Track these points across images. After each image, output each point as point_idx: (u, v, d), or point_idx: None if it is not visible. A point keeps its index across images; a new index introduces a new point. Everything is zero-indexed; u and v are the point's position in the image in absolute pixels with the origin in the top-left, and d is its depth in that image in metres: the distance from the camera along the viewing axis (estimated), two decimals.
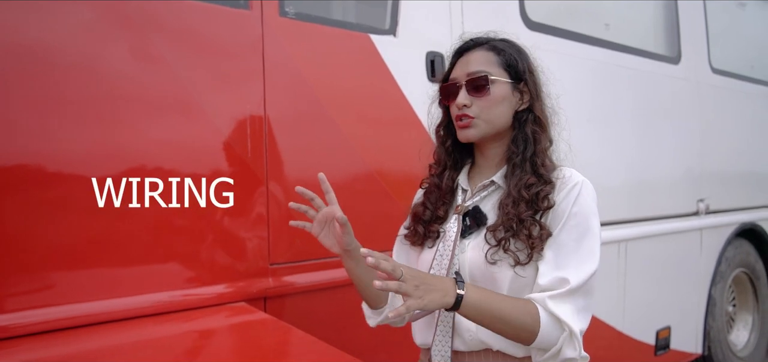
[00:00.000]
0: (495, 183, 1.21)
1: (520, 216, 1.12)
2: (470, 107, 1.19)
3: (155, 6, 1.50)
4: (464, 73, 1.21)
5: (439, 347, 1.17)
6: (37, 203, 1.32)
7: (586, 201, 1.14)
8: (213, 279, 1.58)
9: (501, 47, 1.25)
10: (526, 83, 1.22)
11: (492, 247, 1.13)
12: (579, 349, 1.11)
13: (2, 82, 1.29)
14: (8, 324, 1.26)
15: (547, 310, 1.08)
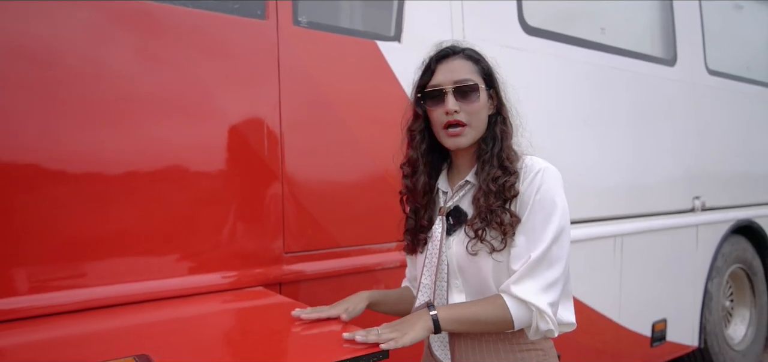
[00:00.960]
0: (469, 182, 1.32)
1: (490, 208, 1.23)
2: (459, 113, 1.27)
3: (184, 18, 1.65)
4: (450, 80, 1.28)
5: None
6: (92, 196, 1.48)
7: (549, 185, 1.24)
8: (233, 266, 1.72)
9: (477, 57, 1.34)
10: (495, 89, 1.33)
11: (471, 240, 1.25)
12: (550, 322, 1.22)
13: (64, 83, 1.45)
14: (68, 301, 1.42)
15: (512, 296, 1.21)
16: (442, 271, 1.29)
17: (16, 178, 1.40)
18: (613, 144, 2.94)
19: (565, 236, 1.24)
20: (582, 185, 2.77)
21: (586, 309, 2.82)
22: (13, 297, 1.38)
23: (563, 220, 1.24)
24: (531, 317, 1.22)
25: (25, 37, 1.42)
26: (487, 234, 1.24)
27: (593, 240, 2.83)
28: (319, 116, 1.91)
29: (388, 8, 2.14)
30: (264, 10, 1.79)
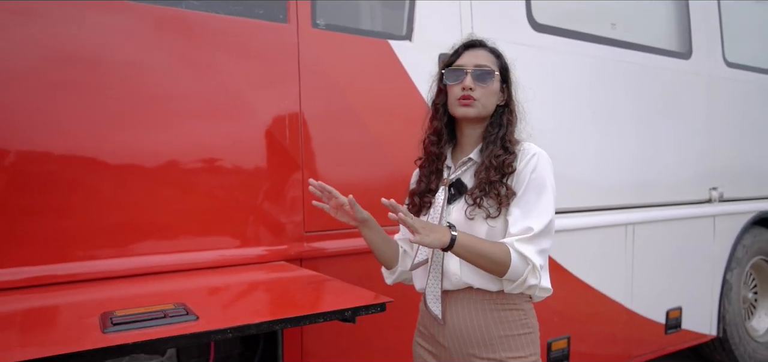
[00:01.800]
0: (472, 159, 1.52)
1: (490, 180, 1.42)
2: (474, 90, 1.48)
3: (215, 24, 1.87)
4: (472, 63, 1.50)
5: (432, 287, 1.48)
6: (145, 183, 1.74)
7: (542, 167, 1.45)
8: (260, 243, 1.94)
9: (498, 53, 1.57)
10: (507, 85, 1.52)
11: (470, 206, 1.44)
12: (539, 277, 1.41)
13: (117, 85, 1.69)
14: (127, 267, 1.70)
15: (516, 250, 1.39)
16: None
17: (86, 168, 1.66)
18: (624, 136, 3.03)
19: (553, 216, 1.45)
20: (591, 176, 2.89)
21: (597, 295, 2.93)
22: (92, 261, 1.65)
23: (553, 200, 1.45)
24: (524, 270, 1.39)
25: (81, 43, 1.66)
26: (485, 202, 1.42)
27: (603, 227, 2.93)
28: (336, 110, 2.10)
29: (400, 9, 2.32)
30: (285, 14, 2.00)
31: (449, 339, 1.48)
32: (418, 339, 1.60)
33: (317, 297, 1.48)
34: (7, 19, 1.56)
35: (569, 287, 2.80)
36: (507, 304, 1.45)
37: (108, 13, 1.71)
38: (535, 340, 1.48)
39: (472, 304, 1.45)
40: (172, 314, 1.22)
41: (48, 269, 1.59)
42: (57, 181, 1.62)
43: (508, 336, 1.44)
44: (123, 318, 1.17)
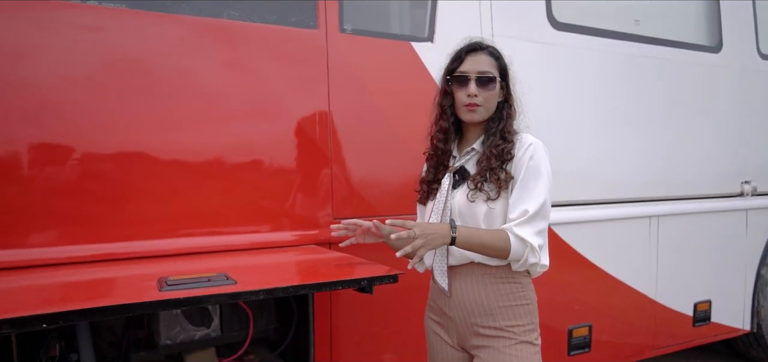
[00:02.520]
0: (474, 149, 1.67)
1: (491, 166, 1.57)
2: (478, 97, 1.63)
3: (254, 32, 2.10)
4: (475, 70, 1.64)
5: (438, 263, 1.65)
6: (195, 176, 1.99)
7: (538, 155, 1.59)
8: (293, 228, 2.16)
9: (497, 55, 1.69)
10: (506, 82, 1.67)
11: (471, 190, 1.59)
12: (538, 256, 1.56)
13: (169, 89, 1.95)
14: (177, 247, 1.95)
15: (514, 234, 1.53)
16: (446, 214, 1.63)
17: (144, 162, 1.93)
18: (648, 131, 3.08)
19: (550, 197, 1.58)
20: (613, 169, 2.96)
21: (619, 285, 3.00)
22: (150, 240, 1.92)
23: (549, 184, 1.59)
24: (524, 251, 1.54)
25: (139, 50, 1.93)
26: (485, 186, 1.58)
27: (626, 219, 3.00)
28: (362, 108, 2.30)
29: (423, 12, 2.49)
30: (315, 20, 2.21)
31: (455, 310, 1.64)
32: (429, 312, 1.77)
33: (340, 272, 1.68)
34: (75, 32, 1.83)
35: (590, 277, 2.89)
36: (506, 278, 1.60)
37: (161, 25, 1.96)
38: (532, 311, 1.63)
39: (474, 278, 1.61)
40: (215, 279, 1.45)
41: (116, 247, 1.86)
42: (120, 173, 1.89)
43: (507, 306, 1.59)
44: (175, 281, 1.41)
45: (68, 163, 1.83)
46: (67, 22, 1.83)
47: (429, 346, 1.75)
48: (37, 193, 1.78)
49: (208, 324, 2.13)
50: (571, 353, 2.84)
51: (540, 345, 1.63)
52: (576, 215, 2.83)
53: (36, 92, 1.78)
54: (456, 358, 1.67)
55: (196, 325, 2.10)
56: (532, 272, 1.63)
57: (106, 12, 1.88)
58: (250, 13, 2.11)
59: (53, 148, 1.81)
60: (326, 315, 2.24)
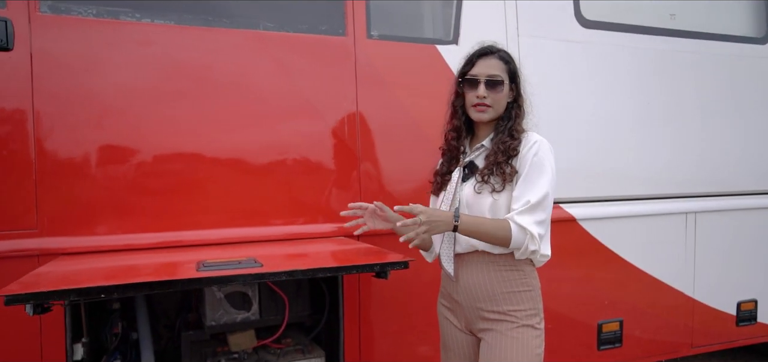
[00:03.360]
0: (484, 146, 1.78)
1: (497, 161, 1.68)
2: (486, 98, 1.75)
3: (289, 41, 2.30)
4: (485, 74, 1.76)
5: (446, 250, 1.77)
6: (241, 173, 2.21)
7: (541, 152, 1.68)
8: (325, 221, 2.35)
9: (507, 58, 1.80)
10: (516, 84, 1.76)
11: (478, 183, 1.70)
12: (538, 245, 1.64)
13: (223, 93, 2.18)
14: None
15: (515, 223, 1.63)
16: (455, 205, 1.75)
17: (204, 162, 2.17)
18: (684, 126, 3.04)
19: (552, 191, 1.68)
20: (645, 166, 2.95)
21: (653, 282, 2.98)
22: (196, 230, 2.17)
23: (552, 180, 1.69)
24: (524, 239, 1.64)
25: (187, 60, 2.16)
26: (491, 179, 1.69)
27: (660, 215, 2.98)
28: (388, 108, 2.45)
29: (447, 17, 2.60)
30: (344, 28, 2.38)
31: (461, 295, 1.76)
32: (440, 299, 1.89)
33: (358, 259, 1.83)
34: (133, 46, 2.09)
35: (621, 272, 2.90)
36: (508, 266, 1.70)
37: (208, 36, 2.19)
38: (534, 297, 1.72)
39: (479, 265, 1.72)
40: (244, 263, 1.64)
41: (168, 236, 2.12)
42: (172, 172, 2.14)
43: (510, 292, 1.69)
44: (211, 264, 1.61)
45: (128, 162, 2.09)
46: (127, 38, 2.09)
47: (441, 330, 1.87)
48: (101, 189, 2.05)
49: (248, 308, 2.34)
50: (602, 347, 2.87)
51: (543, 329, 1.72)
52: (605, 211, 2.85)
53: (100, 99, 2.05)
54: (464, 341, 1.79)
55: (237, 309, 2.32)
56: (535, 261, 1.73)
57: (158, 28, 2.13)
58: (283, 22, 2.31)
59: (115, 149, 2.08)
60: (355, 302, 2.41)
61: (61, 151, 1.99)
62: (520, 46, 2.68)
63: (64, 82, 2.00)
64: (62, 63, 1.99)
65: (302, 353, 2.37)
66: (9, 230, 1.91)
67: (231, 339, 2.36)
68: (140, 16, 2.09)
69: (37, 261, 1.94)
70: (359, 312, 2.42)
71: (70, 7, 2.02)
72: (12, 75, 1.93)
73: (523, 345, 1.66)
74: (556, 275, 2.74)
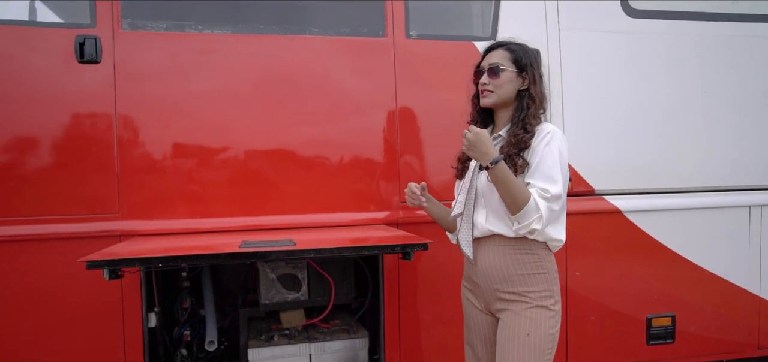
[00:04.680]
0: (501, 136, 1.86)
1: (509, 153, 1.76)
2: (488, 84, 1.85)
3: (335, 44, 2.51)
4: (487, 64, 1.88)
5: (465, 234, 1.87)
6: (298, 167, 2.46)
7: (554, 142, 1.74)
8: (368, 210, 2.53)
9: (513, 48, 1.87)
10: (526, 72, 1.84)
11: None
12: (541, 226, 1.71)
13: (302, 97, 2.45)
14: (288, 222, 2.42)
15: (534, 199, 1.71)
16: (471, 192, 1.86)
17: (258, 156, 2.44)
18: (746, 115, 2.89)
19: (564, 182, 1.75)
20: (703, 156, 2.84)
21: (711, 277, 2.87)
22: (241, 217, 2.43)
23: (564, 171, 1.76)
24: (532, 218, 1.71)
25: (241, 65, 2.43)
26: None
27: (719, 209, 2.86)
28: (426, 104, 2.58)
29: (486, 12, 2.69)
30: (384, 29, 2.55)
31: (480, 277, 1.86)
32: (464, 281, 2.00)
33: (382, 242, 1.99)
34: (194, 55, 2.39)
35: (673, 266, 2.82)
36: (523, 249, 1.77)
37: (260, 44, 2.45)
38: (549, 280, 1.78)
39: (495, 248, 1.81)
40: (280, 243, 1.85)
41: (225, 221, 2.40)
42: (233, 165, 2.41)
43: (525, 274, 1.76)
44: (251, 243, 1.84)
45: (193, 156, 2.40)
46: (191, 47, 2.39)
47: (464, 311, 1.98)
48: (171, 180, 2.36)
49: (298, 289, 2.57)
50: (651, 342, 2.80)
51: (558, 311, 1.78)
52: (655, 202, 2.79)
53: (169, 102, 2.36)
54: (484, 321, 1.89)
55: (288, 290, 2.56)
56: (551, 246, 1.79)
57: (217, 37, 2.41)
58: (327, 27, 2.51)
59: (181, 145, 2.38)
60: (395, 286, 2.57)
61: (138, 148, 2.33)
62: (561, 40, 2.71)
63: (139, 88, 2.33)
64: (138, 71, 2.33)
65: (347, 333, 2.57)
66: (96, 214, 2.27)
67: (283, 316, 2.61)
68: (202, 27, 2.39)
69: (119, 239, 2.28)
70: (399, 295, 2.58)
71: (145, 24, 2.35)
72: (100, 84, 2.29)
73: (536, 324, 1.73)
74: (600, 267, 2.73)
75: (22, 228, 2.21)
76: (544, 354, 1.74)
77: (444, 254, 2.32)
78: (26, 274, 2.22)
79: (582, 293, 2.73)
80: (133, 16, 2.33)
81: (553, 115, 2.68)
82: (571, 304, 2.72)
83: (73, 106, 2.27)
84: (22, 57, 2.24)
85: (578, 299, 2.72)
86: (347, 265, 2.60)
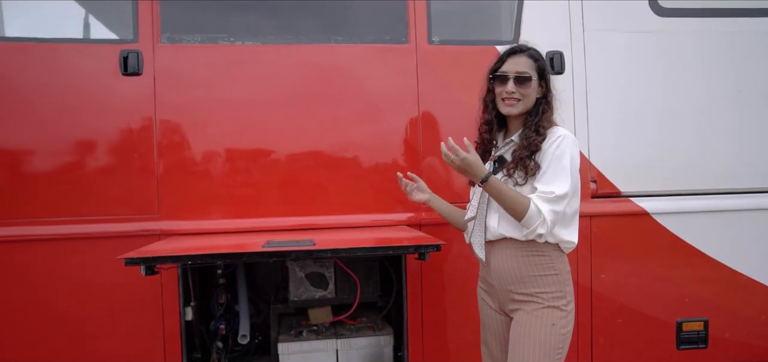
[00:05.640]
0: (513, 141, 1.90)
1: (521, 156, 1.80)
2: (515, 93, 1.88)
3: (358, 51, 2.61)
4: (514, 70, 1.89)
5: (477, 237, 1.91)
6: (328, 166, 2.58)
7: (564, 145, 1.78)
8: (392, 211, 2.62)
9: (536, 56, 1.91)
10: (545, 80, 1.87)
11: (504, 176, 1.83)
12: (547, 229, 1.75)
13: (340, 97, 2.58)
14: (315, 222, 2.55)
15: (534, 204, 1.75)
16: (484, 196, 1.91)
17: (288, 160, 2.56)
18: None
19: (574, 186, 1.79)
20: (736, 156, 2.77)
21: (748, 282, 2.78)
22: (294, 217, 2.56)
23: (574, 174, 1.79)
24: (536, 222, 1.75)
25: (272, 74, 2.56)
26: (515, 173, 1.82)
27: (755, 210, 2.77)
28: (448, 108, 2.63)
29: (507, 16, 2.72)
30: (407, 36, 2.62)
31: (494, 278, 1.90)
32: (479, 282, 2.04)
33: (398, 242, 2.07)
34: (228, 66, 2.53)
35: (705, 270, 2.75)
36: (535, 251, 1.81)
37: (288, 53, 2.58)
38: (561, 281, 1.80)
39: (507, 251, 1.85)
40: (301, 243, 1.96)
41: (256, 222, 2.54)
42: (261, 168, 2.54)
43: (536, 275, 1.80)
44: (274, 242, 1.96)
45: (227, 161, 2.55)
46: (223, 58, 2.54)
47: (480, 310, 2.03)
48: (207, 183, 2.52)
49: (325, 287, 2.68)
50: (682, 347, 2.75)
51: (571, 311, 1.80)
52: (685, 205, 2.73)
53: (203, 110, 2.52)
54: (499, 320, 1.93)
55: (316, 287, 2.67)
56: (563, 247, 1.81)
57: (248, 48, 2.56)
58: (351, 35, 2.61)
59: (215, 151, 2.54)
60: (418, 286, 2.63)
61: (176, 153, 2.50)
62: (585, 41, 2.70)
63: (177, 97, 2.50)
64: (176, 81, 2.50)
65: (373, 330, 2.66)
66: (138, 215, 2.46)
67: (311, 313, 2.73)
68: (234, 39, 2.54)
69: (158, 238, 2.46)
70: (421, 293, 2.64)
71: (182, 37, 2.52)
72: (141, 94, 2.47)
73: (548, 324, 1.77)
74: (627, 269, 2.70)
75: (74, 227, 2.42)
76: (554, 352, 1.77)
77: (468, 254, 2.36)
78: (77, 270, 2.43)
79: (608, 295, 2.71)
80: (172, 31, 2.50)
81: (576, 117, 2.68)
82: (596, 307, 2.70)
83: (118, 115, 2.47)
84: (76, 70, 2.45)
85: (604, 301, 2.71)
86: (372, 265, 2.69)
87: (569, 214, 1.79)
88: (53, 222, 2.41)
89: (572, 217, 1.80)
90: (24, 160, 2.43)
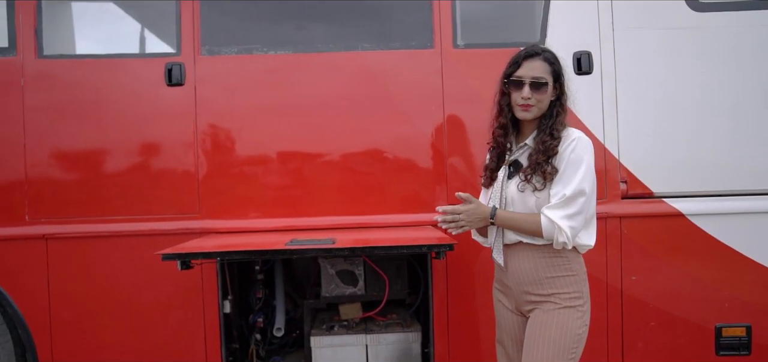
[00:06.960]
0: (527, 145, 1.91)
1: (538, 161, 1.81)
2: (531, 99, 1.89)
3: (387, 57, 2.70)
4: (529, 75, 1.89)
5: (496, 242, 1.94)
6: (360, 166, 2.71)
7: (579, 148, 1.79)
8: (417, 211, 2.69)
9: (551, 60, 1.90)
10: (559, 83, 1.88)
11: (521, 181, 1.85)
12: (567, 237, 1.76)
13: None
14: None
15: (545, 216, 1.77)
16: (502, 202, 1.93)
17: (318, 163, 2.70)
18: None
19: (590, 185, 1.79)
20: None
21: None
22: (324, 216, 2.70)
23: (587, 175, 1.80)
24: (553, 231, 1.78)
25: (318, 79, 2.70)
26: (533, 178, 1.84)
27: None
28: (472, 111, 2.67)
29: (534, 18, 2.72)
30: (432, 41, 2.69)
31: (511, 281, 1.93)
32: (495, 283, 2.07)
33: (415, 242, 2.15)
34: (260, 74, 2.69)
35: (747, 273, 2.64)
36: (552, 253, 1.82)
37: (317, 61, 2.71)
38: (578, 281, 1.81)
39: (524, 254, 1.87)
40: (322, 241, 2.08)
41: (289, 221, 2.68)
42: (294, 171, 2.69)
43: (553, 277, 1.81)
44: (297, 240, 2.09)
45: (261, 163, 2.71)
46: (257, 67, 2.71)
47: (496, 310, 2.06)
48: (242, 184, 2.70)
49: (355, 284, 2.79)
50: (721, 353, 2.65)
51: (587, 312, 1.82)
52: (726, 206, 2.63)
53: (238, 116, 2.69)
54: (515, 321, 1.96)
55: (346, 284, 2.79)
56: (579, 248, 1.83)
57: (280, 58, 2.71)
58: (378, 41, 2.71)
59: (250, 155, 2.71)
60: (443, 284, 2.69)
61: (213, 156, 2.69)
62: (615, 40, 2.66)
63: (216, 104, 2.69)
64: (215, 90, 2.69)
65: (401, 326, 2.75)
66: (180, 214, 2.67)
67: (342, 309, 2.85)
68: (267, 49, 2.70)
69: (199, 236, 2.65)
70: (447, 291, 2.70)
71: (220, 49, 2.70)
72: (184, 104, 2.68)
73: (564, 324, 1.78)
74: (660, 271, 2.64)
75: (122, 225, 2.66)
76: (569, 352, 1.79)
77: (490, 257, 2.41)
78: (125, 264, 2.67)
79: (639, 298, 2.66)
80: (211, 44, 2.70)
81: (605, 118, 2.65)
82: (627, 309, 2.66)
83: (164, 123, 2.69)
84: (128, 84, 2.69)
85: (635, 303, 2.66)
86: (400, 263, 2.78)
87: (588, 216, 1.80)
88: (107, 220, 2.66)
89: (590, 220, 1.81)
90: (85, 164, 2.69)
